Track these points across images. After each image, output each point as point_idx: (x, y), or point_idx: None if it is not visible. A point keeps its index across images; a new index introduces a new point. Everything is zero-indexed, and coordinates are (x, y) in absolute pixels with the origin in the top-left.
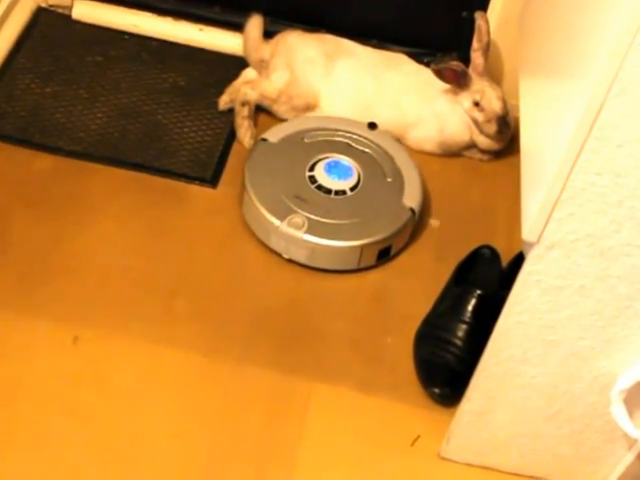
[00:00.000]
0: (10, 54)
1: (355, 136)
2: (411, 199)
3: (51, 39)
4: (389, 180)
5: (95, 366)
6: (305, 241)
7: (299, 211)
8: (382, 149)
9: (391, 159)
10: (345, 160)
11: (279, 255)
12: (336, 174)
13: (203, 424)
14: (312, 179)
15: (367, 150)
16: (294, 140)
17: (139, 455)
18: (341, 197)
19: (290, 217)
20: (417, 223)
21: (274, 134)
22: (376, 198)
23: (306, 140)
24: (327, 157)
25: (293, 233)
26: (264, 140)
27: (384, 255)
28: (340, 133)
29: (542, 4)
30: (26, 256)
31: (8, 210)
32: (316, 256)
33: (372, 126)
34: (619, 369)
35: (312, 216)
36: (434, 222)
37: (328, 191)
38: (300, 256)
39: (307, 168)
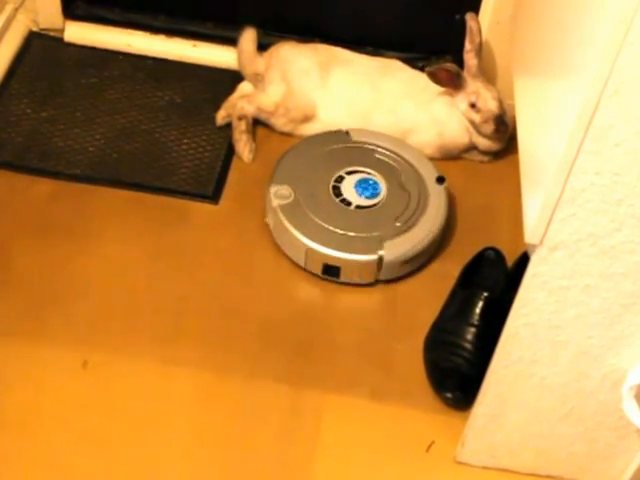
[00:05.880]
0: (4, 80)
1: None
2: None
3: (44, 63)
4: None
5: (105, 389)
6: None
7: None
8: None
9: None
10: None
11: (283, 268)
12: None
13: (216, 443)
14: None
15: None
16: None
17: (152, 477)
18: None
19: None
20: None
21: None
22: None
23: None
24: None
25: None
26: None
27: None
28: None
29: (534, 4)
30: (31, 283)
31: (10, 237)
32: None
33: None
34: (628, 365)
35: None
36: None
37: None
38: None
39: None
